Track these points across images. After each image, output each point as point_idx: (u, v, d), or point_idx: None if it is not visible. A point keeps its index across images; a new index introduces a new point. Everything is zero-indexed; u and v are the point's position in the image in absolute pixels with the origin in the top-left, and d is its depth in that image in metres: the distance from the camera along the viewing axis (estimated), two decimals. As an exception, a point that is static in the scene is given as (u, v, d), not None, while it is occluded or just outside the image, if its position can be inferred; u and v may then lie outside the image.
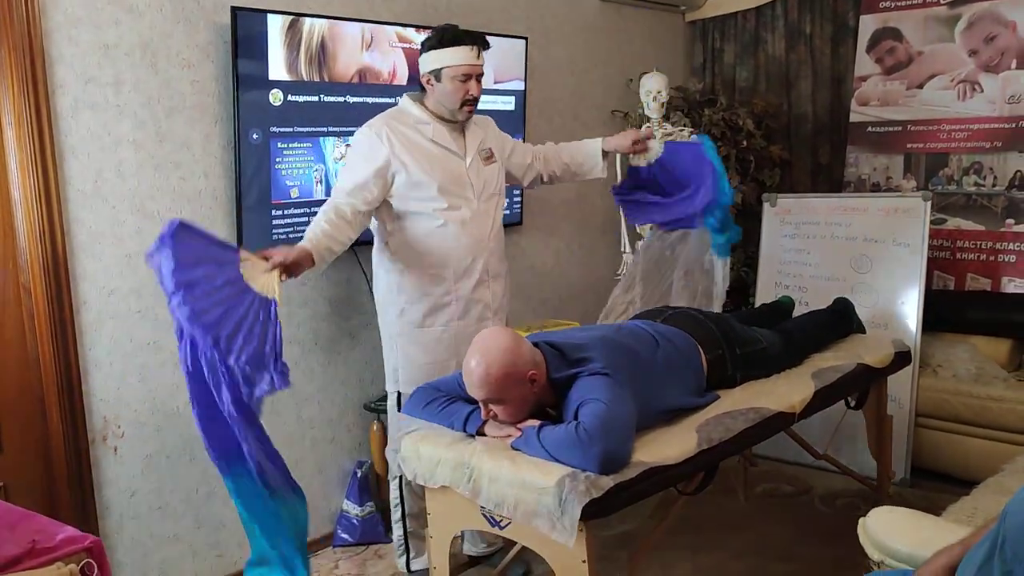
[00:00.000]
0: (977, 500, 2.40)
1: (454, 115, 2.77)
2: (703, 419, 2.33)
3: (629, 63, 4.52)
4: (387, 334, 2.88)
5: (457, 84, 2.70)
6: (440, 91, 2.72)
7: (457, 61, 2.69)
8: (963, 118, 4.07)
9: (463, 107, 2.74)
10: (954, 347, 3.80)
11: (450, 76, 2.69)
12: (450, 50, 2.69)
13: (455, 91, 2.71)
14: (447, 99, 2.73)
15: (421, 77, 2.75)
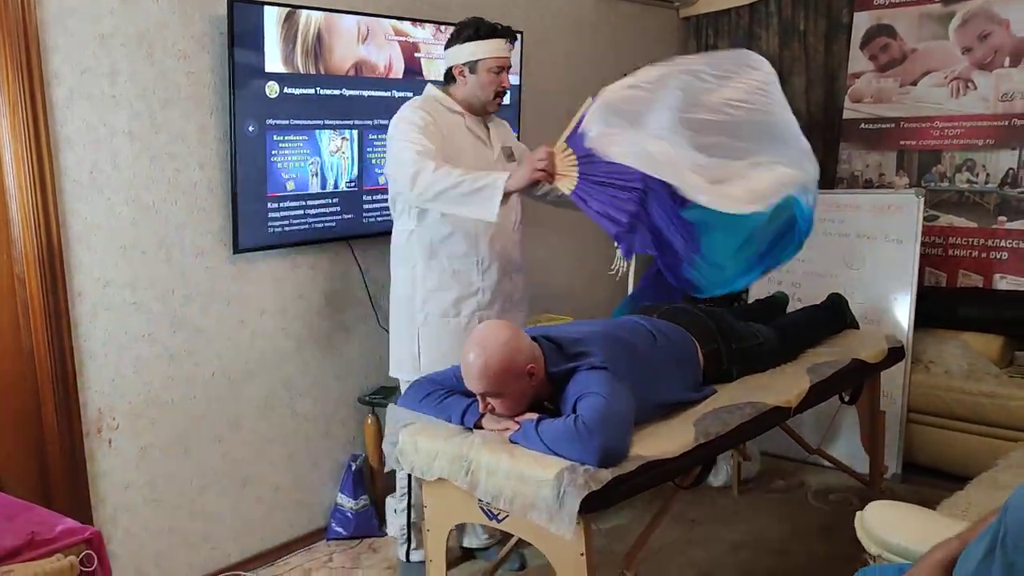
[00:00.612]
0: (970, 495, 2.42)
1: (485, 107, 2.83)
2: (700, 413, 2.34)
3: (624, 58, 4.51)
4: (405, 323, 2.85)
5: (492, 76, 2.76)
6: (474, 82, 2.77)
7: (493, 53, 2.75)
8: (956, 115, 4.09)
9: (495, 98, 2.81)
10: (946, 343, 3.83)
11: (486, 68, 2.75)
12: (486, 42, 2.74)
13: (490, 83, 2.77)
14: (481, 90, 2.78)
15: (454, 69, 2.79)
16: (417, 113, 2.70)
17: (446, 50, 2.81)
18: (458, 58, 2.77)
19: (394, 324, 2.92)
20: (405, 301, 2.85)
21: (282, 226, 3.01)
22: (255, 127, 2.88)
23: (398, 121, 2.73)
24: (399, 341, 2.89)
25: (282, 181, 2.99)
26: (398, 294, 2.89)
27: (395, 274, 2.90)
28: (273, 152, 2.95)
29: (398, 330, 2.89)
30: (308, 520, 3.26)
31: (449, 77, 2.83)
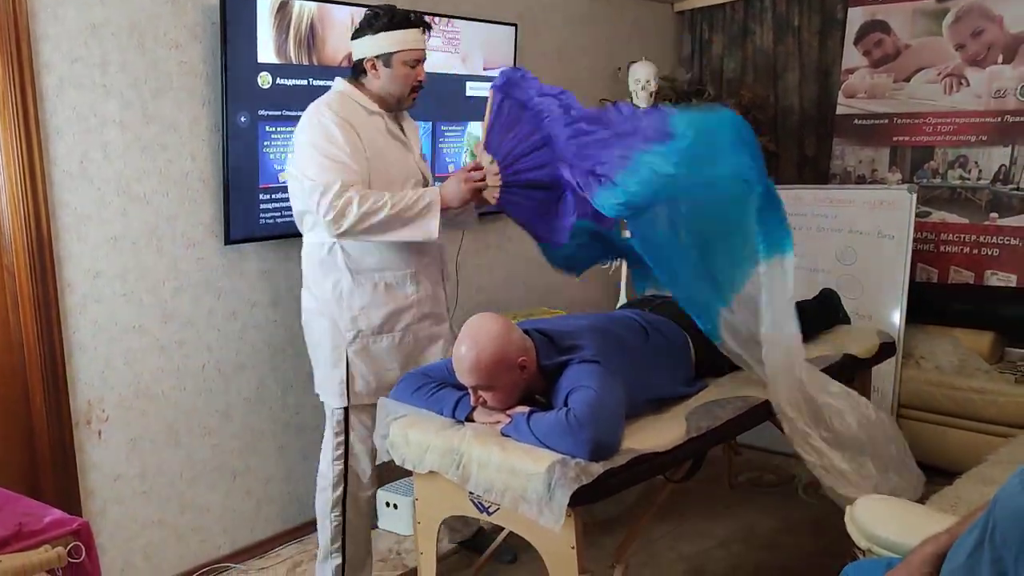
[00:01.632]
0: (960, 490, 2.43)
1: (400, 102, 2.62)
2: (692, 407, 2.34)
3: (618, 52, 4.51)
4: (328, 346, 2.60)
5: (407, 69, 2.56)
6: (388, 76, 2.56)
7: (410, 44, 2.54)
8: (949, 112, 4.10)
9: (411, 93, 2.61)
10: (937, 339, 3.84)
11: (401, 60, 2.54)
12: (402, 32, 2.53)
13: (405, 77, 2.56)
14: (395, 85, 2.57)
15: (365, 61, 2.55)
16: (331, 119, 2.46)
17: (355, 40, 2.58)
18: (370, 49, 2.54)
19: (314, 346, 2.68)
20: (327, 321, 2.60)
21: (274, 217, 2.99)
22: (247, 118, 2.87)
23: (309, 129, 2.47)
24: (323, 365, 2.65)
25: (274, 172, 2.98)
26: (316, 313, 2.63)
27: (312, 292, 2.64)
28: (265, 143, 2.93)
29: (320, 353, 2.65)
30: (298, 513, 3.25)
31: (359, 70, 2.59)
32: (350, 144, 2.45)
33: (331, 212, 2.38)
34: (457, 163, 3.68)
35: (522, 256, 4.18)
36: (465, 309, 3.77)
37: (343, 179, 2.40)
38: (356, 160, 2.46)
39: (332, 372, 2.61)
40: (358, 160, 2.46)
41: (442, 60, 3.48)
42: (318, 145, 2.44)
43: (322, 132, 2.45)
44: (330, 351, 2.60)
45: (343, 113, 2.49)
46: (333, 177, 2.39)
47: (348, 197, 2.38)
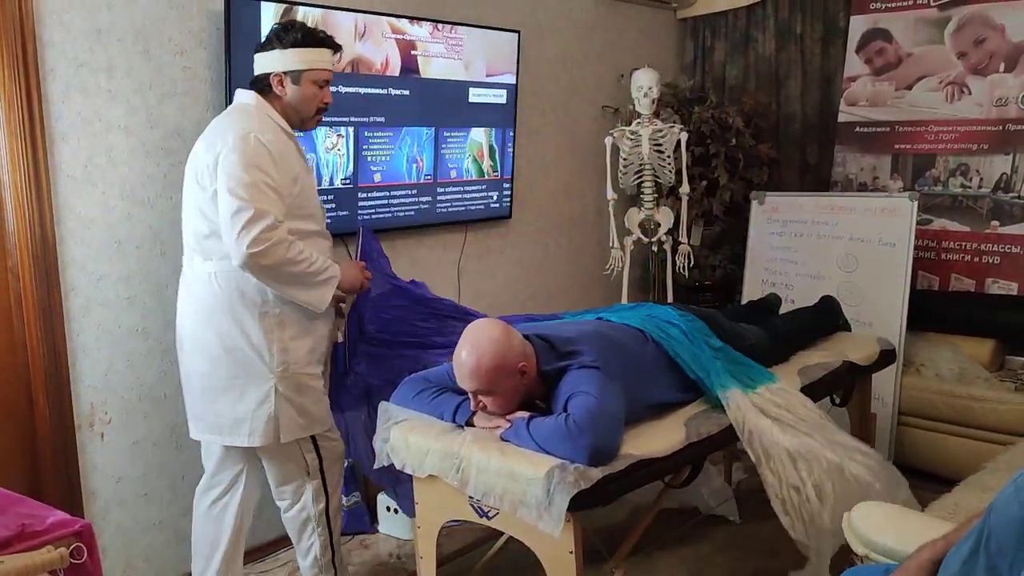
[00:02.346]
0: (958, 497, 2.43)
1: (304, 123, 2.51)
2: (691, 413, 2.36)
3: (621, 59, 4.53)
4: (242, 382, 2.40)
5: (316, 89, 2.46)
6: (295, 95, 2.44)
7: (320, 64, 2.45)
8: (951, 120, 4.11)
9: (317, 115, 2.51)
10: (937, 347, 3.84)
11: (311, 79, 2.44)
12: (315, 51, 2.44)
13: (313, 97, 2.46)
14: (303, 104, 2.46)
15: (272, 76, 2.42)
16: (268, 140, 2.32)
17: (261, 52, 2.45)
18: (279, 64, 2.41)
19: (224, 385, 2.42)
20: (244, 355, 2.39)
21: (277, 222, 3.01)
22: (251, 123, 2.88)
23: (243, 146, 2.28)
24: (237, 404, 2.42)
25: (277, 177, 2.99)
26: (232, 347, 2.39)
27: (225, 325, 2.39)
28: (269, 148, 2.95)
29: (232, 392, 2.41)
30: (300, 516, 3.26)
31: (263, 84, 2.45)
32: (281, 172, 2.33)
33: (256, 245, 2.21)
34: (459, 170, 3.70)
35: (523, 261, 4.20)
36: (467, 314, 3.79)
37: (276, 213, 2.27)
38: (283, 193, 2.33)
39: (252, 412, 2.41)
40: (285, 193, 2.34)
41: (445, 66, 3.50)
42: (255, 166, 2.27)
43: (259, 153, 2.29)
44: (249, 388, 2.41)
45: (272, 135, 2.36)
46: (268, 207, 2.25)
47: (280, 237, 2.26)
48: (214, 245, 2.35)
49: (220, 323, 2.39)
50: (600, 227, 4.43)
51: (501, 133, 3.83)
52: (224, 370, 2.41)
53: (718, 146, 4.39)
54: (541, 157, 4.22)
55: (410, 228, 3.54)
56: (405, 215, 3.48)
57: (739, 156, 4.44)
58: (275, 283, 2.32)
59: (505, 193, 3.92)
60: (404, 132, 3.40)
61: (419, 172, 3.51)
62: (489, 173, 3.82)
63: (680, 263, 3.98)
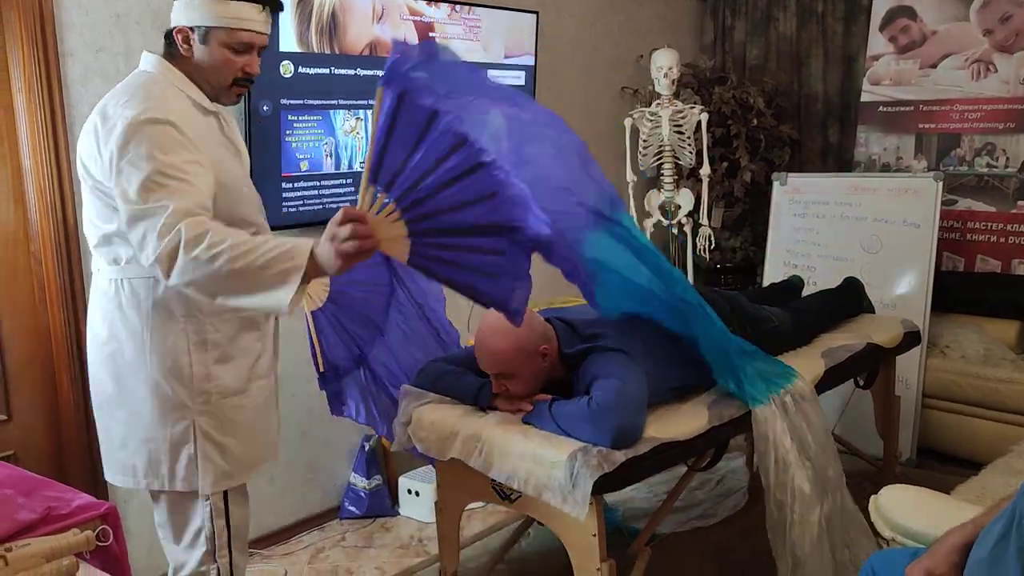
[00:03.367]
0: (985, 480, 2.41)
1: (218, 95, 1.92)
2: (714, 396, 2.34)
3: (640, 39, 4.48)
4: (151, 414, 1.89)
5: (228, 54, 1.86)
6: (203, 58, 1.86)
7: (237, 22, 1.84)
8: (976, 98, 4.04)
9: (232, 87, 1.92)
10: (962, 328, 3.80)
11: (222, 41, 1.85)
12: (232, 3, 1.83)
13: (225, 65, 1.87)
14: (212, 72, 1.88)
15: (176, 30, 1.86)
16: (158, 129, 1.74)
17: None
18: (185, 16, 1.85)
19: (125, 415, 1.92)
20: (159, 374, 1.87)
21: (296, 206, 3.01)
22: (269, 107, 2.88)
23: (135, 153, 1.72)
24: (141, 439, 1.91)
25: (296, 161, 2.99)
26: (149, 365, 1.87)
27: (126, 342, 1.89)
28: (287, 132, 2.94)
29: (136, 425, 1.91)
30: (321, 499, 3.28)
31: (169, 40, 1.89)
32: (189, 152, 1.78)
33: (163, 261, 1.67)
34: (478, 151, 3.66)
35: (543, 245, 4.18)
36: (486, 298, 3.78)
37: (184, 204, 1.69)
38: (198, 177, 1.77)
39: (160, 451, 1.91)
40: (201, 176, 1.78)
41: (463, 48, 3.48)
42: (148, 157, 1.72)
43: (155, 139, 1.74)
44: (155, 422, 1.90)
45: (178, 113, 1.81)
46: (170, 200, 1.69)
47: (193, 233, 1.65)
48: (115, 248, 1.87)
49: (122, 337, 1.89)
50: (619, 210, 4.40)
51: (520, 115, 3.79)
52: (122, 400, 1.92)
53: (739, 127, 4.34)
54: (560, 139, 4.18)
55: (429, 211, 3.52)
56: (424, 198, 3.46)
57: (760, 137, 4.40)
58: (216, 297, 1.68)
59: (524, 176, 3.89)
60: (422, 115, 3.38)
61: (438, 155, 3.49)
62: (508, 156, 3.79)
63: (700, 245, 3.95)
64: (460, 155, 1.52)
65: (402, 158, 1.53)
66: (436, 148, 1.52)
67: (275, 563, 2.98)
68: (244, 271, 1.62)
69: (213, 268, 1.62)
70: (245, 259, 1.62)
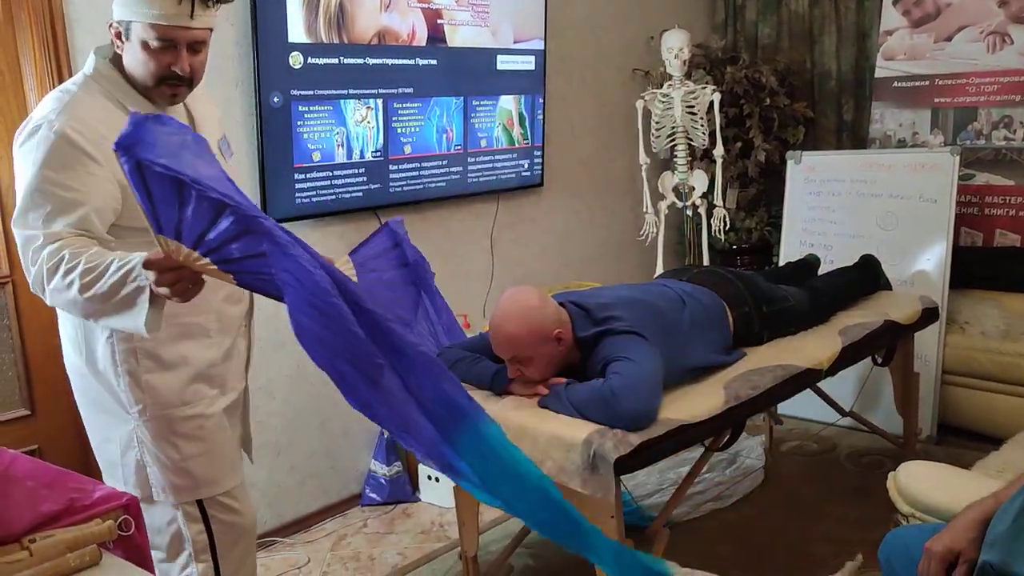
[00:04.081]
0: (1006, 455, 2.39)
1: (149, 97, 1.81)
2: (730, 376, 2.33)
3: (650, 20, 4.45)
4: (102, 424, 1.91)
5: (146, 53, 1.73)
6: (128, 56, 1.76)
7: (153, 17, 1.69)
8: (993, 71, 3.99)
9: (160, 85, 1.77)
10: (982, 304, 3.76)
11: (140, 36, 1.72)
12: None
13: (144, 62, 1.74)
14: (135, 71, 1.77)
15: (111, 26, 1.77)
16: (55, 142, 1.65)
17: None
18: (115, 11, 1.75)
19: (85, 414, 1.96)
20: (92, 386, 1.88)
21: (309, 197, 3.02)
22: (280, 98, 2.88)
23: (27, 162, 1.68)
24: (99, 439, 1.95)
25: (308, 152, 3.00)
26: (83, 372, 1.89)
27: (69, 347, 1.91)
28: (299, 123, 2.95)
29: (92, 424, 1.95)
30: (342, 487, 3.30)
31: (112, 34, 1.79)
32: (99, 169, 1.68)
33: (29, 275, 1.67)
34: (490, 139, 3.67)
35: (556, 229, 4.18)
36: (500, 283, 3.79)
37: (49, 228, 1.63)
38: (97, 192, 1.68)
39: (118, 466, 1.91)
40: (100, 191, 1.68)
41: (472, 34, 3.47)
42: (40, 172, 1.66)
43: (51, 152, 1.66)
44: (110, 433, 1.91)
45: (94, 118, 1.70)
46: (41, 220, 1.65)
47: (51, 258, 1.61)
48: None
49: (71, 340, 1.89)
50: (633, 193, 4.39)
51: (531, 100, 3.79)
52: (87, 401, 1.93)
53: (752, 106, 4.31)
54: (572, 123, 4.17)
55: (442, 199, 3.53)
56: (436, 186, 3.46)
57: (774, 116, 4.36)
58: (90, 319, 1.65)
59: (536, 161, 3.89)
60: (433, 102, 3.38)
61: (449, 142, 3.49)
62: (520, 141, 3.79)
63: (716, 227, 3.93)
64: (227, 218, 1.39)
65: (175, 214, 1.40)
66: (200, 215, 1.39)
67: (298, 551, 3.01)
68: (96, 297, 1.56)
69: (70, 296, 1.59)
70: (94, 286, 1.56)
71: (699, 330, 2.40)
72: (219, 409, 1.96)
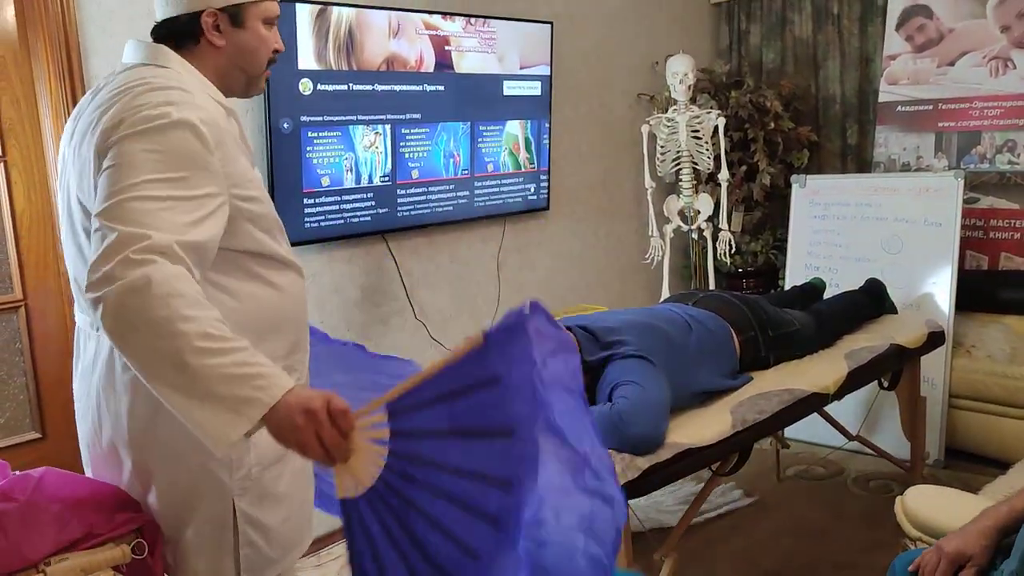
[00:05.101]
0: (1013, 479, 2.39)
1: (251, 86, 1.63)
2: (737, 400, 2.34)
3: (655, 46, 4.50)
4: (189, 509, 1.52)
5: (266, 31, 1.59)
6: (240, 43, 1.55)
7: None
8: (996, 95, 4.02)
9: (267, 71, 1.64)
10: (988, 327, 3.77)
11: (260, 16, 1.57)
12: None
13: (264, 44, 1.59)
14: (251, 57, 1.58)
15: (203, 15, 1.51)
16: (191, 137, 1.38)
17: None
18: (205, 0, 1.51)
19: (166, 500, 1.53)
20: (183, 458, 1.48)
21: (318, 221, 3.05)
22: (290, 124, 2.92)
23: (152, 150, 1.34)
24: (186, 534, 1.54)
25: (317, 177, 3.03)
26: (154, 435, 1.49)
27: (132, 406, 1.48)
28: (308, 148, 2.99)
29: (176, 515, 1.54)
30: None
31: (183, 33, 1.53)
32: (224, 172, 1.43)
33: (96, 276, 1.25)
34: (496, 163, 3.70)
35: (563, 253, 4.20)
36: (507, 306, 3.79)
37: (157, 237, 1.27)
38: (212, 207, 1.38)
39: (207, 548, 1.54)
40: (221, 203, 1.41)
41: (479, 60, 3.51)
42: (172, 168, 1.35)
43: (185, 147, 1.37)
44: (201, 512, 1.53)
45: (210, 112, 1.46)
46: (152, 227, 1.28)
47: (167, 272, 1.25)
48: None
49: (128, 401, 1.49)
50: (639, 216, 4.41)
51: (537, 125, 3.83)
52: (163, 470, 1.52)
53: (756, 130, 4.35)
54: (577, 148, 4.21)
55: (449, 223, 3.55)
56: (443, 210, 3.49)
57: (778, 140, 4.39)
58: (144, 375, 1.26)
59: (542, 185, 3.92)
60: (440, 127, 3.42)
61: (456, 167, 3.53)
62: (526, 165, 3.82)
63: (721, 250, 3.95)
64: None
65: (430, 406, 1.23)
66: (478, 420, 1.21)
67: (309, 574, 3.00)
68: (200, 369, 1.21)
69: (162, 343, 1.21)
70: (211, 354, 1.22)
71: (705, 354, 2.42)
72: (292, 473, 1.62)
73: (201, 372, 1.21)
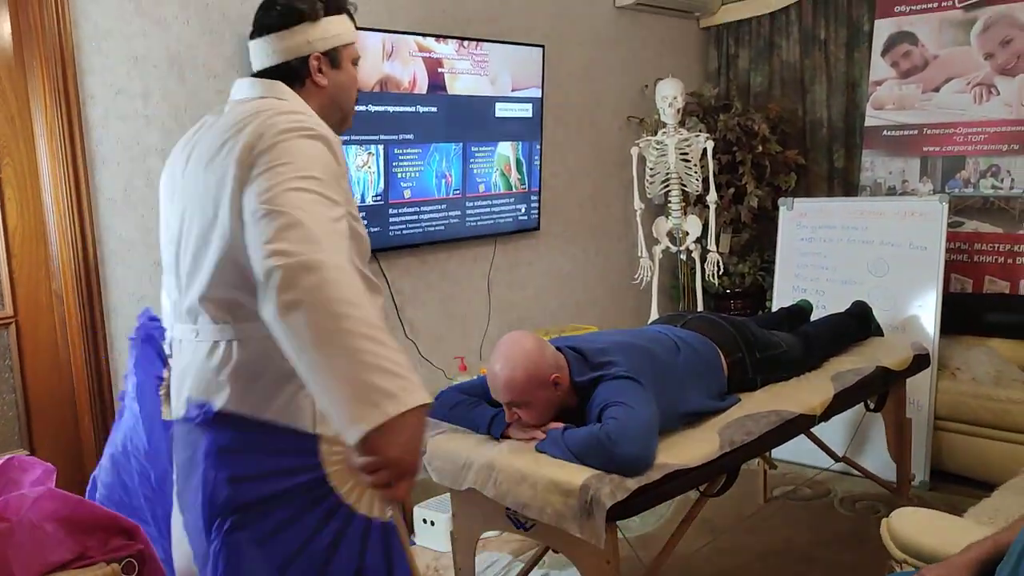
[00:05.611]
0: (998, 501, 2.41)
1: (345, 121, 1.72)
2: (724, 422, 2.36)
3: (645, 69, 4.55)
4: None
5: (355, 73, 1.70)
6: (338, 82, 1.65)
7: (353, 35, 1.68)
8: (980, 121, 4.08)
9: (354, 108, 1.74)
10: (972, 350, 3.81)
11: (350, 58, 1.67)
12: (346, 19, 1.67)
13: (354, 83, 1.69)
14: (346, 95, 1.68)
15: (312, 59, 1.60)
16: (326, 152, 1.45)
17: (283, 31, 1.58)
18: (320, 42, 1.61)
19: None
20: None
21: (310, 240, 3.06)
22: (283, 144, 2.94)
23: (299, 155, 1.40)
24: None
25: (310, 196, 3.04)
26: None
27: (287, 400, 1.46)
28: (301, 168, 3.00)
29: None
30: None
31: (290, 73, 1.60)
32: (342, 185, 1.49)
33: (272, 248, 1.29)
34: (488, 184, 3.73)
35: (553, 273, 4.22)
36: (496, 326, 3.83)
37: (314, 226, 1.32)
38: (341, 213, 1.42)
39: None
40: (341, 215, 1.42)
41: (471, 82, 3.55)
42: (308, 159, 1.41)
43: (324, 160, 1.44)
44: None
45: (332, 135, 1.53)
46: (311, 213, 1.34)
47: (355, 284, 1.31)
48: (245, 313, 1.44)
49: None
50: (628, 237, 4.45)
51: (528, 146, 3.86)
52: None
53: (744, 153, 4.40)
54: (568, 169, 4.25)
55: (440, 243, 3.57)
56: (435, 230, 3.52)
57: (766, 163, 4.44)
58: (303, 355, 1.27)
59: (533, 205, 3.95)
60: (432, 148, 3.45)
61: (448, 187, 3.55)
62: (517, 186, 3.85)
63: (709, 271, 3.99)
64: None
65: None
66: None
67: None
68: (361, 354, 1.26)
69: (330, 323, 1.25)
70: (374, 342, 1.28)
71: (694, 376, 2.43)
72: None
73: (360, 356, 1.25)
